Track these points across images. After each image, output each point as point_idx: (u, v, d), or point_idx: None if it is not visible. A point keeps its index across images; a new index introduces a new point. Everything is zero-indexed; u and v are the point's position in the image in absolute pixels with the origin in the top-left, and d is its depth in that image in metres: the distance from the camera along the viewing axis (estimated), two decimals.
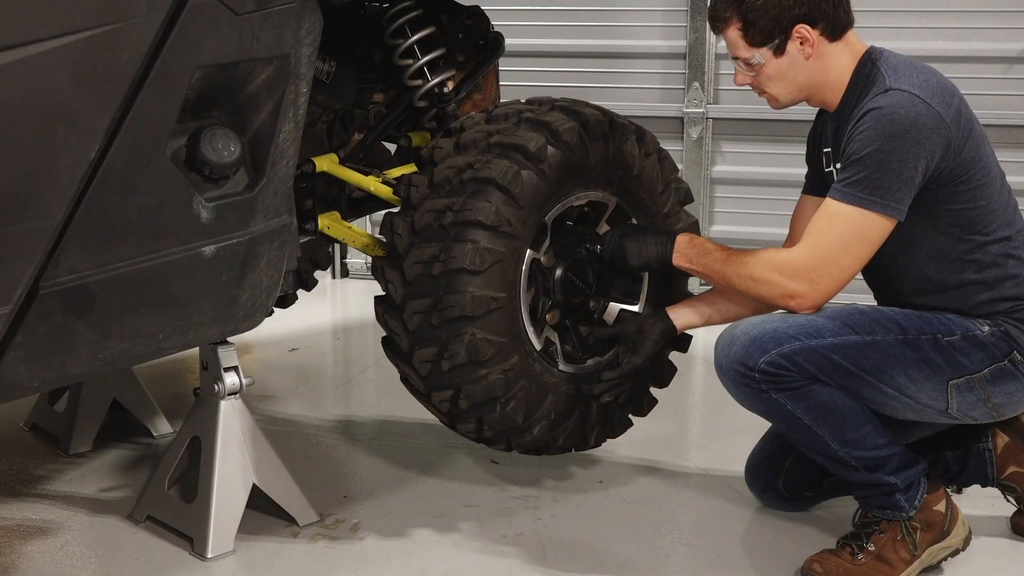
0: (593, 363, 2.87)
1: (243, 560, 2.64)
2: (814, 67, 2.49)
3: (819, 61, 2.49)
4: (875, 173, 2.37)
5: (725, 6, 2.49)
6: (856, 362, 2.43)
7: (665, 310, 2.76)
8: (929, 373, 2.45)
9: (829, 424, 2.46)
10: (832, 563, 2.48)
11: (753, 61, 2.50)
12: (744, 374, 2.44)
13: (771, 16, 2.44)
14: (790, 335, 2.42)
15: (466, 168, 2.66)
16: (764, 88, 2.55)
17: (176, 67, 2.21)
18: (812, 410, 2.45)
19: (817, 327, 2.44)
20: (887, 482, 2.48)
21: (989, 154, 2.50)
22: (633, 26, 4.90)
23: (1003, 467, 2.70)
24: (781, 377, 2.42)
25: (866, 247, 2.43)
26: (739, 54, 2.52)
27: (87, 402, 3.24)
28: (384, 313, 2.75)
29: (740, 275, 2.52)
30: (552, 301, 2.84)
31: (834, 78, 2.51)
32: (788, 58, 2.48)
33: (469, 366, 2.62)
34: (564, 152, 2.69)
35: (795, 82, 2.52)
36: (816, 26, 2.45)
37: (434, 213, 2.64)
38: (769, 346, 2.42)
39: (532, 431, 2.76)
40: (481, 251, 2.58)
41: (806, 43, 2.46)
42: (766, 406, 2.48)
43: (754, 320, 2.51)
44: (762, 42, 2.47)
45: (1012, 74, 4.52)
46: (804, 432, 2.48)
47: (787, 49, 2.47)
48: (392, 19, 3.08)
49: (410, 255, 2.65)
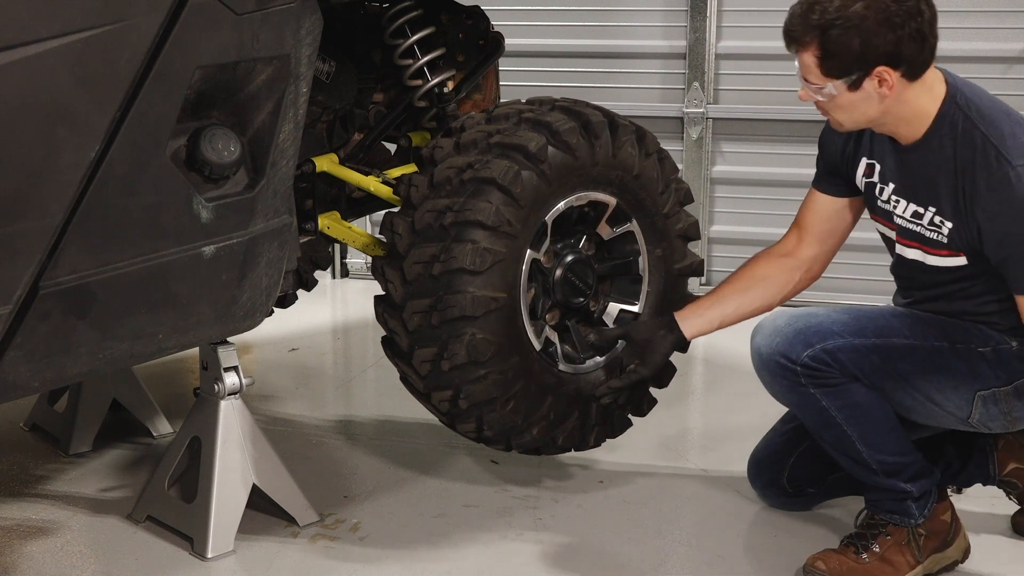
0: (592, 363, 2.88)
1: (243, 560, 2.64)
2: (888, 105, 2.34)
3: (896, 100, 2.33)
4: None
5: (805, 29, 2.29)
6: (895, 364, 2.42)
7: (675, 318, 2.67)
8: (959, 382, 2.43)
9: (860, 425, 2.45)
10: (835, 561, 2.48)
11: (824, 91, 2.33)
12: (785, 366, 2.43)
13: (854, 54, 2.26)
14: (835, 332, 2.41)
15: (466, 168, 2.66)
16: (830, 112, 2.39)
17: (176, 67, 2.21)
18: (846, 409, 2.44)
19: (861, 326, 2.43)
20: (902, 489, 2.48)
21: None
22: (633, 26, 4.90)
23: (1004, 464, 2.70)
24: (822, 373, 2.41)
25: None
26: (810, 79, 2.33)
27: (87, 402, 3.24)
28: (384, 313, 2.75)
29: None
30: (552, 301, 2.84)
31: (910, 116, 2.37)
32: (863, 94, 2.31)
33: (469, 366, 2.62)
34: (565, 152, 2.69)
35: (865, 114, 2.36)
36: (898, 68, 2.29)
37: (434, 213, 2.64)
38: (814, 340, 2.41)
39: (531, 431, 2.76)
40: (481, 251, 2.58)
41: (884, 84, 2.29)
42: (800, 399, 2.47)
43: (798, 313, 2.49)
44: (838, 75, 2.29)
45: (1012, 74, 4.52)
46: (833, 429, 2.48)
47: (863, 85, 2.30)
48: (392, 19, 3.08)
49: (410, 255, 2.65)
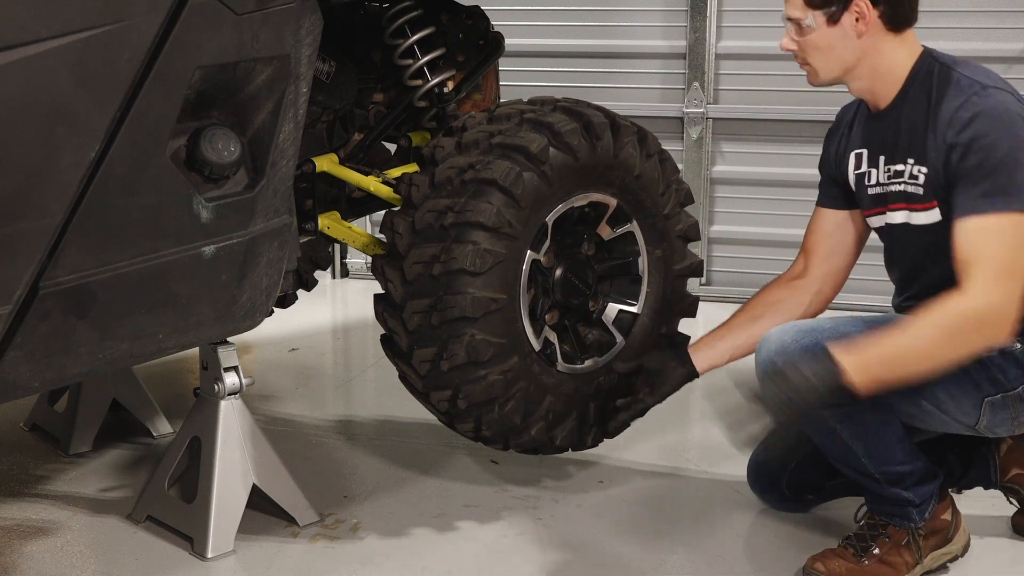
0: (591, 363, 2.88)
1: (243, 560, 2.64)
2: (865, 48, 2.39)
3: (872, 45, 2.38)
4: (1011, 175, 2.26)
5: None
6: None
7: (687, 352, 2.69)
8: (968, 389, 2.39)
9: (865, 442, 2.42)
10: (835, 563, 2.48)
11: (805, 23, 2.39)
12: None
13: None
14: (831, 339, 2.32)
15: (468, 168, 2.66)
16: (807, 58, 2.43)
17: (176, 67, 2.21)
18: (853, 427, 2.41)
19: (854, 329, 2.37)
20: (904, 497, 2.47)
21: None
22: (633, 26, 4.90)
23: (1006, 470, 2.70)
24: None
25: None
26: (792, 13, 2.41)
27: (87, 402, 3.24)
28: (384, 311, 2.75)
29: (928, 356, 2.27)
30: (552, 301, 2.84)
31: (887, 69, 2.41)
32: (840, 30, 2.37)
33: (468, 367, 2.62)
34: (566, 154, 2.69)
35: (840, 59, 2.40)
36: (877, 6, 2.35)
37: (435, 213, 2.64)
38: None
39: (530, 431, 2.76)
40: (482, 252, 2.58)
41: (862, 19, 2.35)
42: (807, 419, 2.39)
43: (804, 327, 2.40)
44: (820, 4, 2.36)
45: (1012, 74, 4.51)
46: (838, 447, 2.45)
47: (841, 20, 2.36)
48: (392, 19, 3.08)
49: (410, 255, 2.65)
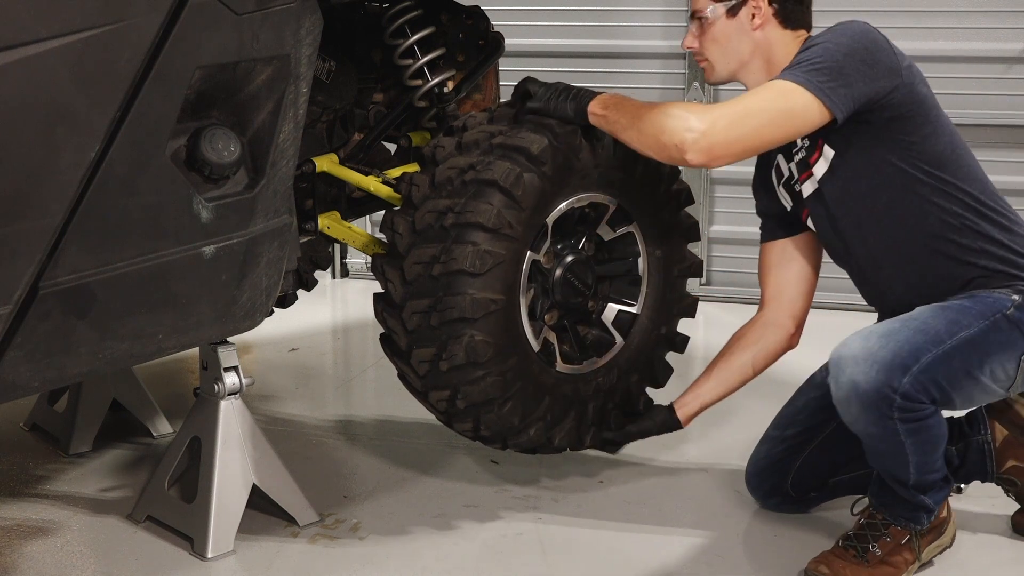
0: (590, 364, 2.88)
1: (243, 560, 2.64)
2: (758, 41, 2.55)
3: (765, 38, 2.55)
4: (823, 66, 2.39)
5: None
6: (968, 359, 2.38)
7: (673, 407, 2.81)
8: (1012, 352, 2.42)
9: (922, 453, 2.39)
10: (838, 566, 2.47)
11: (707, 13, 2.56)
12: (887, 397, 2.31)
13: None
14: (921, 346, 2.33)
15: (468, 169, 2.65)
16: (705, 52, 2.60)
17: (176, 67, 2.21)
18: (920, 441, 2.38)
19: (935, 332, 2.37)
20: (923, 503, 2.48)
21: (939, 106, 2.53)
22: (633, 26, 4.91)
23: (1002, 461, 2.70)
24: (915, 407, 2.33)
25: (786, 122, 2.41)
26: (697, 5, 2.59)
27: (87, 402, 3.24)
28: (383, 311, 2.75)
29: (652, 111, 2.47)
30: (551, 302, 2.84)
31: (778, 59, 2.55)
32: (736, 24, 2.55)
33: (467, 367, 2.62)
34: (567, 154, 2.69)
35: (736, 52, 2.57)
36: (772, 4, 2.54)
37: (435, 214, 2.64)
38: (909, 362, 2.31)
39: (529, 431, 2.76)
40: (482, 253, 2.57)
41: (757, 14, 2.54)
42: (881, 431, 2.36)
43: (881, 330, 2.39)
44: None
45: (1012, 74, 4.52)
46: (896, 457, 2.40)
47: (739, 14, 2.54)
48: (392, 19, 3.08)
49: (410, 255, 2.65)
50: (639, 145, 2.51)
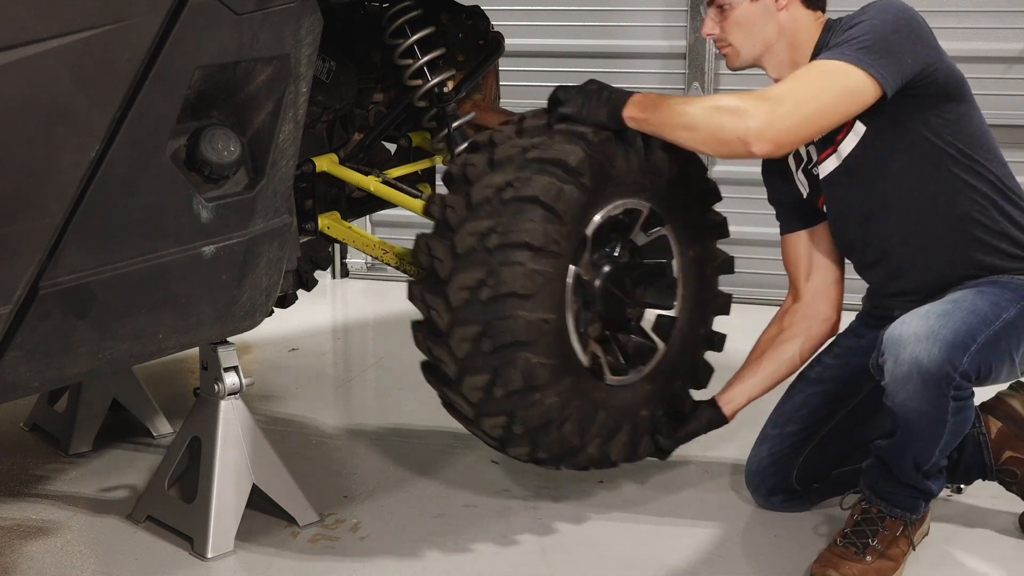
0: (637, 373, 2.80)
1: (243, 560, 2.64)
2: (783, 23, 2.55)
3: (791, 19, 2.55)
4: (871, 44, 2.38)
5: None
6: (1011, 341, 2.40)
7: (716, 400, 2.82)
8: None
9: (953, 435, 2.39)
10: (845, 567, 2.47)
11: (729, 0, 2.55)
12: (947, 375, 2.30)
13: None
14: (974, 325, 2.34)
15: (506, 187, 2.53)
16: (728, 38, 2.58)
17: (176, 67, 2.20)
18: (959, 422, 2.38)
19: (983, 313, 2.38)
20: (927, 489, 2.48)
21: None
22: (633, 26, 4.90)
23: (999, 453, 2.70)
24: (967, 386, 2.34)
25: (847, 101, 2.39)
26: None
27: (87, 402, 3.24)
28: (425, 340, 2.61)
29: (699, 106, 2.45)
30: (594, 313, 2.74)
31: (802, 41, 2.55)
32: (761, 6, 2.54)
33: (524, 392, 2.52)
34: (602, 163, 2.58)
35: (760, 35, 2.56)
36: None
37: (477, 236, 2.51)
38: (968, 341, 2.32)
39: (587, 450, 2.69)
40: (531, 273, 2.47)
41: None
42: (934, 410, 2.35)
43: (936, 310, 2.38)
44: None
45: (1012, 74, 4.52)
46: (930, 439, 2.39)
47: None
48: (392, 19, 3.08)
49: (454, 280, 2.52)
50: (692, 143, 2.48)
